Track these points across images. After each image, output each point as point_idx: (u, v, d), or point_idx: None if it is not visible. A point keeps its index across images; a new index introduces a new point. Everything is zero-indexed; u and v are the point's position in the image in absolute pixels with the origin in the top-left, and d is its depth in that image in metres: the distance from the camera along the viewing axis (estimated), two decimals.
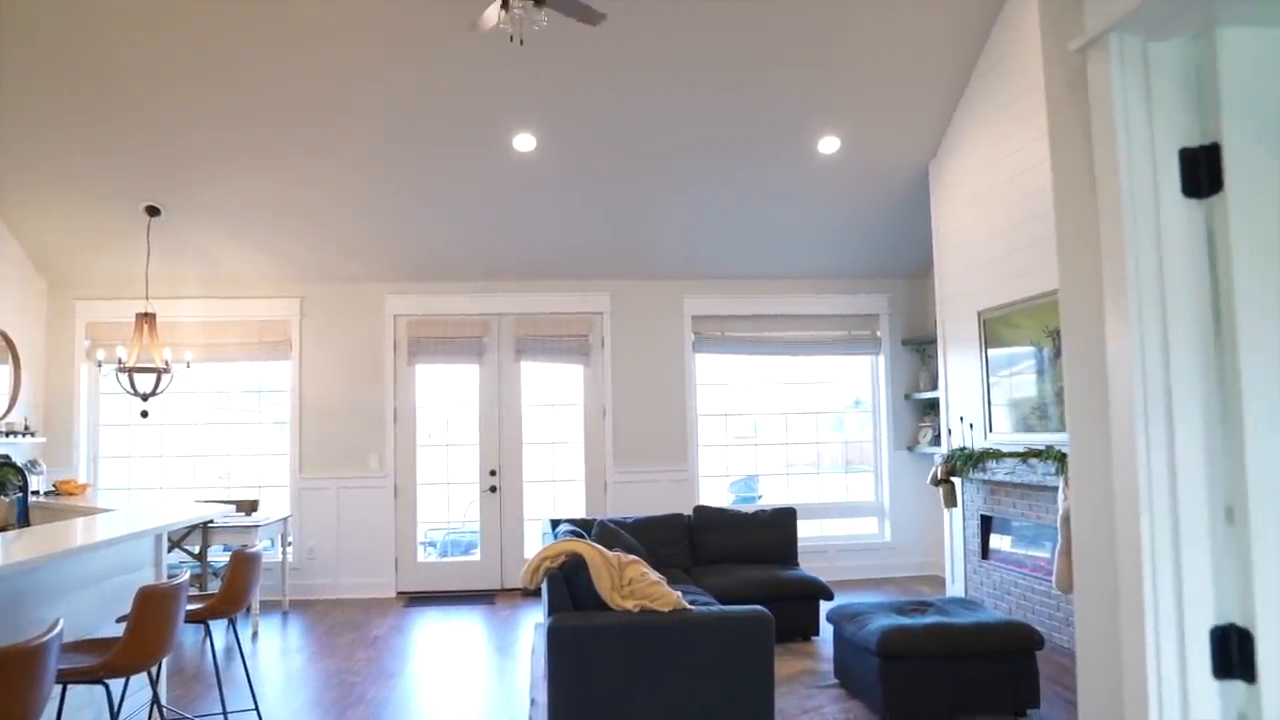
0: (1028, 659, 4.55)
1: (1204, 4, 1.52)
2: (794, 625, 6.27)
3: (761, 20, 5.84)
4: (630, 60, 6.07)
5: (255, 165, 6.77)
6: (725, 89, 6.37)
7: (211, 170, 6.78)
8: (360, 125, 6.48)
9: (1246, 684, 1.53)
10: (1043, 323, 5.90)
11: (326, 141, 6.60)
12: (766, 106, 6.55)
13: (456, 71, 6.07)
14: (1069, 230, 1.91)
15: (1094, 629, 1.83)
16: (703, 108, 6.51)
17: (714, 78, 6.26)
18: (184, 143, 6.48)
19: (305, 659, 5.98)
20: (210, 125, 6.35)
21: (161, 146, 6.50)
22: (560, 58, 5.99)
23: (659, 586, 4.10)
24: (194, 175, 6.82)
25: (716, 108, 6.52)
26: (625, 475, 8.45)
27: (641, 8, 5.61)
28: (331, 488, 8.18)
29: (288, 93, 6.13)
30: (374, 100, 6.26)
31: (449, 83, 6.16)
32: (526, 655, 6.00)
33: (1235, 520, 1.58)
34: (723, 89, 6.36)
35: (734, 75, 6.25)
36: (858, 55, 6.19)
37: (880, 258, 8.54)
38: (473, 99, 6.32)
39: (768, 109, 6.58)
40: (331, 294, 8.32)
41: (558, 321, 8.51)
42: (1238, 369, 1.57)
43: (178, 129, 6.35)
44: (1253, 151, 1.58)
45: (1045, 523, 5.97)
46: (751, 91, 6.41)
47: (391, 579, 8.19)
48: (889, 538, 8.77)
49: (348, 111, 6.34)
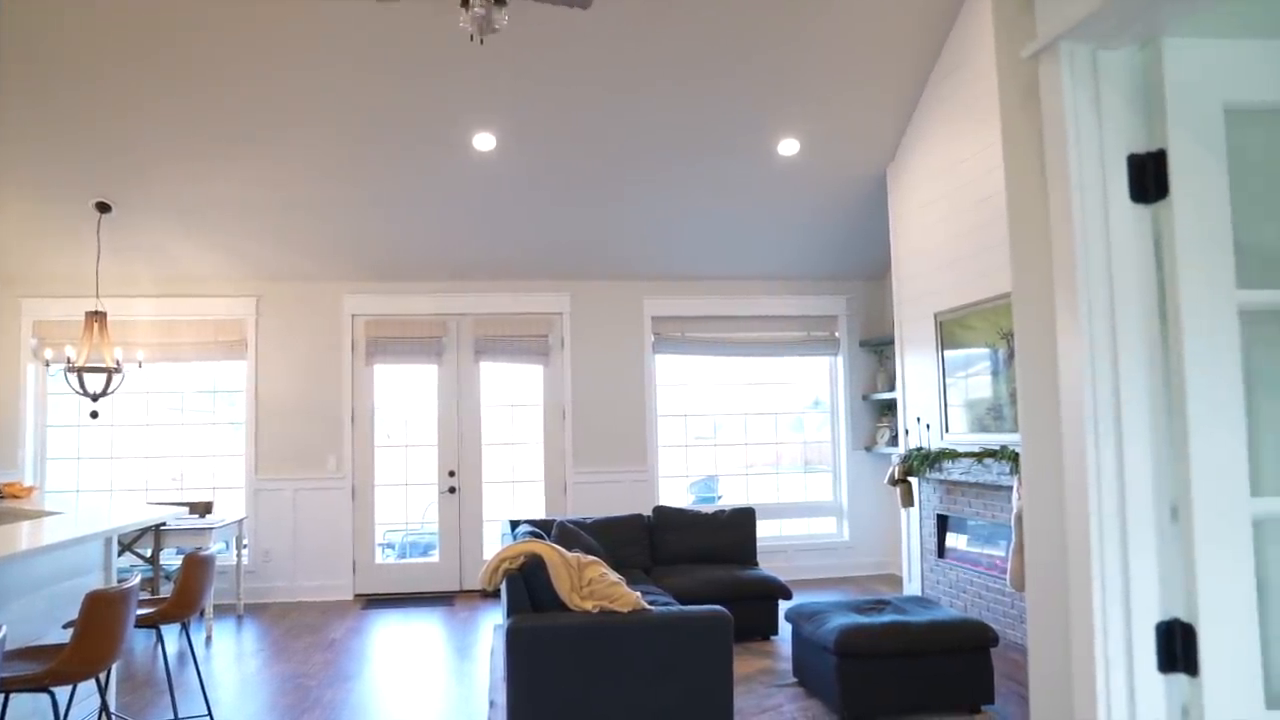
0: (983, 656, 4.62)
1: (1150, 15, 1.56)
2: (753, 625, 6.31)
3: (722, 23, 5.86)
4: (591, 61, 6.07)
5: (210, 162, 6.67)
6: (686, 90, 6.39)
7: (165, 166, 6.67)
8: (318, 123, 6.41)
9: (1190, 677, 1.57)
10: (997, 325, 5.99)
11: (283, 139, 6.52)
12: (727, 108, 6.58)
13: (416, 70, 6.03)
14: (1021, 234, 1.94)
15: (1045, 625, 1.87)
16: (663, 109, 6.53)
17: (674, 79, 6.28)
18: (136, 137, 6.37)
19: (261, 663, 5.91)
20: (164, 120, 6.24)
21: (113, 141, 6.38)
22: (521, 57, 5.97)
23: (618, 587, 4.10)
24: (147, 171, 6.70)
25: (677, 109, 6.54)
26: (585, 476, 8.45)
27: (602, 8, 5.60)
28: (288, 489, 8.08)
29: (243, 89, 6.05)
30: (331, 98, 6.20)
31: (408, 81, 6.11)
32: (485, 657, 5.97)
33: (1180, 518, 1.62)
34: (683, 90, 6.38)
35: (694, 77, 6.27)
36: (817, 59, 6.24)
37: (839, 260, 8.62)
38: (432, 98, 6.28)
39: (728, 111, 6.61)
40: (288, 293, 8.22)
41: (517, 322, 8.48)
42: (1182, 371, 1.61)
43: (130, 123, 6.24)
44: (1197, 158, 1.62)
45: (1000, 522, 6.07)
46: (712, 93, 6.43)
47: (349, 581, 8.11)
48: (847, 537, 8.85)
49: (305, 109, 6.27)
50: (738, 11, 5.80)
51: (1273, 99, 1.65)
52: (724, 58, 6.14)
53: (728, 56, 6.14)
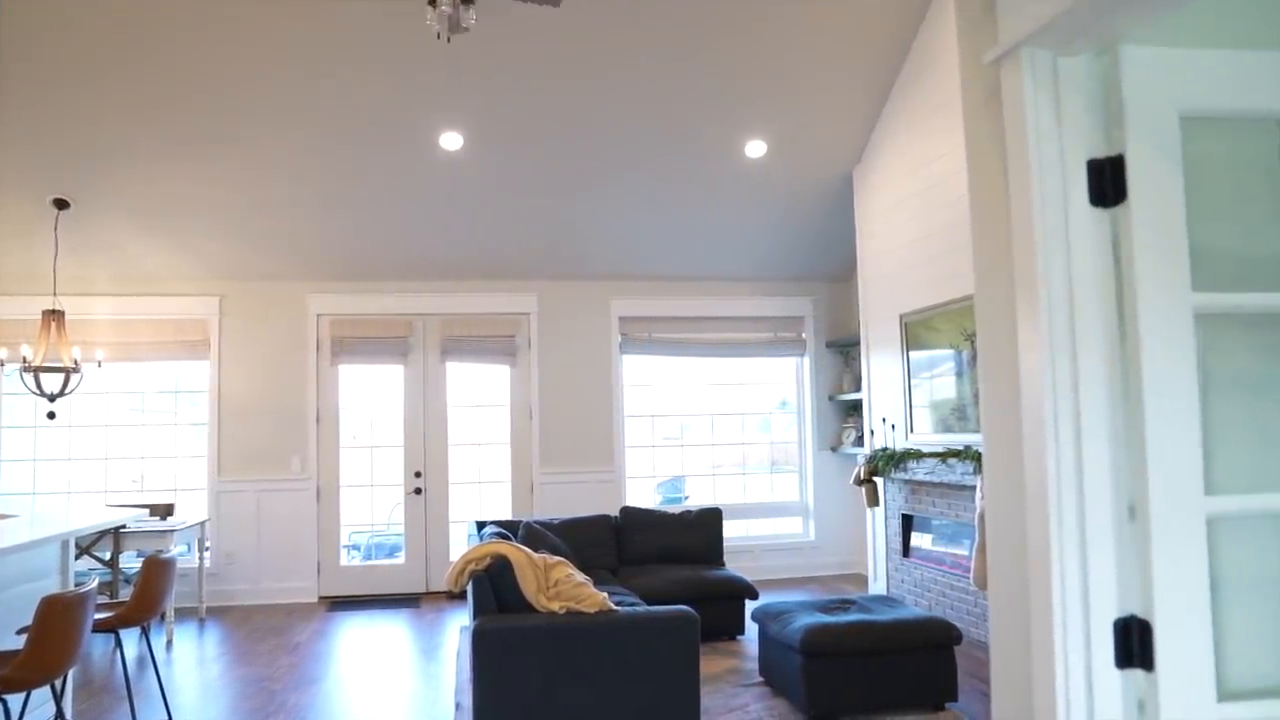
0: (946, 654, 4.67)
1: (1108, 23, 1.59)
2: (720, 624, 6.33)
3: (689, 24, 5.88)
4: (559, 61, 6.06)
5: (172, 159, 6.57)
6: (653, 92, 6.40)
7: (125, 163, 6.57)
8: (282, 121, 6.34)
9: (1146, 672, 1.60)
10: (961, 326, 6.06)
11: (247, 136, 6.44)
12: (694, 110, 6.60)
13: (382, 68, 5.98)
14: (984, 237, 1.96)
15: (1007, 623, 1.89)
16: (630, 110, 6.54)
17: (642, 80, 6.29)
18: (95, 133, 6.27)
19: (223, 667, 5.84)
20: (124, 116, 6.15)
21: (71, 136, 6.27)
22: (488, 56, 5.95)
23: (585, 588, 4.10)
24: (106, 167, 6.59)
25: (644, 110, 6.55)
26: (552, 476, 8.43)
27: (570, 8, 5.60)
28: (251, 490, 7.99)
29: (207, 86, 5.97)
30: (296, 95, 6.14)
31: (374, 79, 6.07)
32: (452, 659, 5.94)
33: (1137, 517, 1.65)
34: (651, 92, 6.39)
35: (662, 78, 6.29)
36: (784, 61, 6.27)
37: (805, 261, 8.67)
38: (399, 96, 6.24)
39: (695, 112, 6.63)
40: (252, 292, 8.13)
41: (484, 322, 8.45)
42: (1140, 372, 1.64)
43: (89, 118, 6.14)
44: (1153, 164, 1.65)
45: (964, 521, 6.13)
46: (679, 94, 6.45)
47: (314, 583, 8.04)
48: (813, 537, 8.91)
49: (269, 106, 6.21)
50: (705, 13, 5.82)
51: (1226, 107, 1.68)
52: (691, 59, 6.16)
53: (695, 58, 6.15)
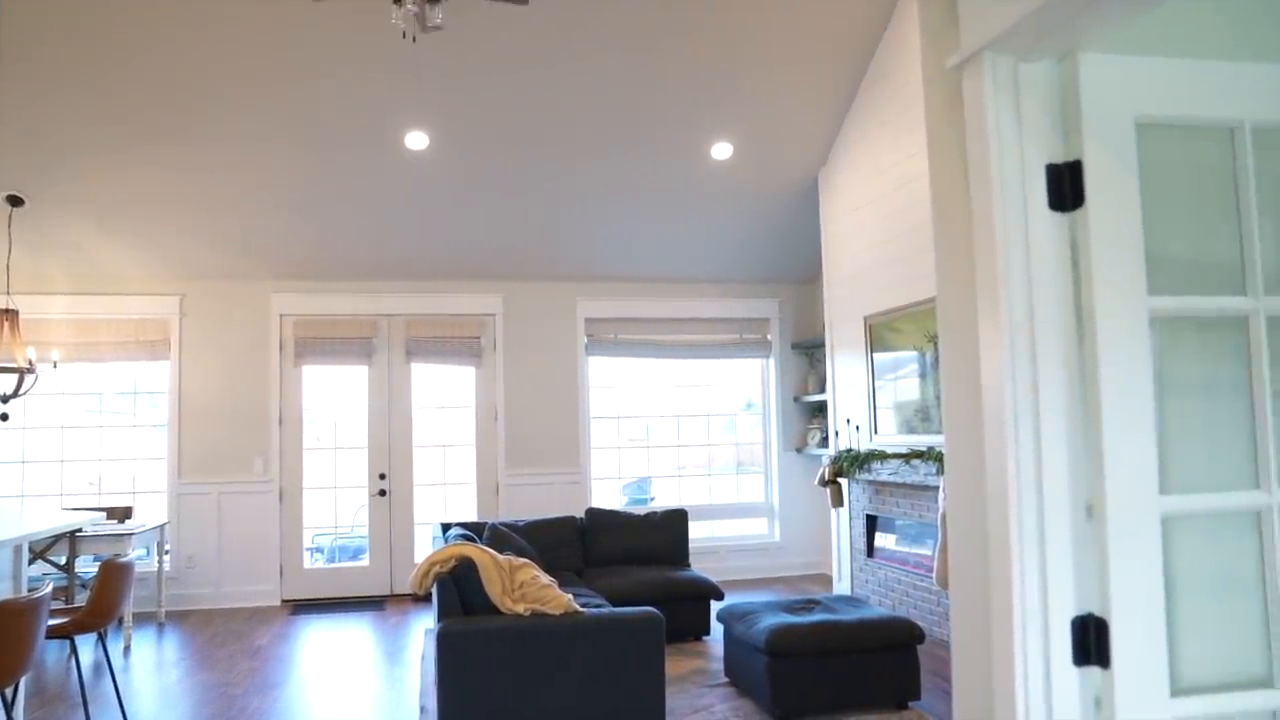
0: (910, 653, 4.71)
1: (1067, 30, 1.61)
2: (685, 625, 6.34)
3: (656, 27, 5.89)
4: (525, 61, 6.05)
5: (131, 155, 6.47)
6: (621, 93, 6.40)
7: (82, 159, 6.45)
8: (245, 117, 6.27)
9: (1102, 669, 1.63)
10: (925, 328, 6.12)
11: (209, 133, 6.36)
12: (661, 111, 6.61)
13: (348, 66, 5.93)
14: (946, 240, 1.99)
15: (968, 622, 1.91)
16: (598, 112, 6.53)
17: (610, 82, 6.29)
18: (50, 129, 6.15)
19: (182, 672, 5.75)
20: (81, 111, 6.04)
21: (24, 132, 6.15)
22: (455, 56, 5.92)
23: (550, 589, 4.09)
24: (63, 164, 6.47)
25: (612, 112, 6.55)
26: (517, 478, 8.41)
27: (538, 9, 5.59)
28: (213, 493, 7.89)
29: (167, 80, 5.89)
30: (259, 92, 6.07)
31: (340, 77, 6.02)
32: (416, 662, 5.90)
33: (1094, 517, 1.67)
34: (617, 93, 6.40)
35: (628, 80, 6.29)
36: (750, 64, 6.30)
37: (771, 263, 8.72)
38: (364, 95, 6.19)
39: (662, 114, 6.64)
40: (213, 292, 8.02)
41: (449, 323, 8.41)
42: (1097, 374, 1.67)
43: (43, 113, 6.02)
44: (1110, 169, 1.68)
45: (927, 521, 6.19)
46: (646, 96, 6.46)
47: (276, 586, 7.95)
48: (778, 538, 8.95)
49: (231, 102, 6.13)
50: (672, 15, 5.83)
51: (1180, 114, 1.71)
52: (658, 61, 6.17)
53: (661, 60, 6.16)
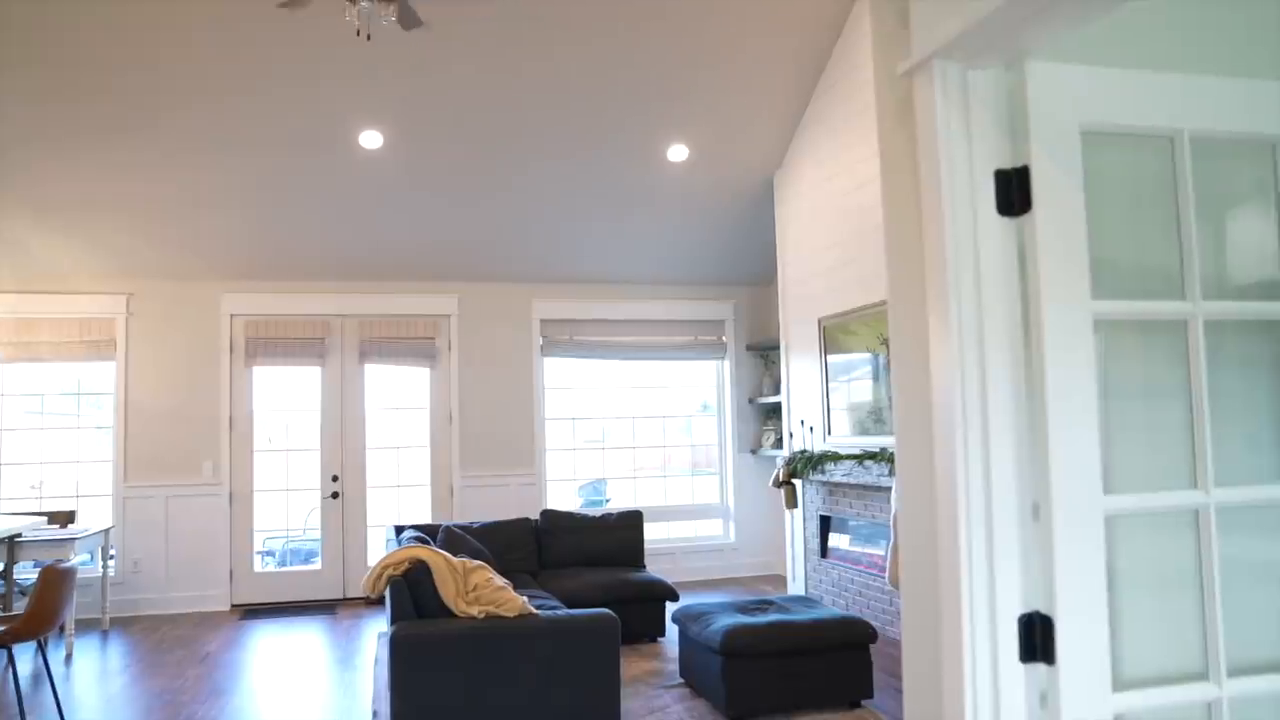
0: (863, 652, 4.76)
1: (1014, 39, 1.64)
2: (640, 627, 6.35)
3: (614, 27, 5.89)
4: (481, 61, 6.02)
5: (76, 151, 6.33)
6: (576, 94, 6.39)
7: (23, 154, 6.29)
8: (194, 113, 6.16)
9: (1047, 666, 1.66)
10: (877, 330, 6.19)
11: (157, 129, 6.24)
12: (617, 113, 6.62)
13: (300, 63, 5.86)
14: (897, 243, 2.01)
15: (918, 620, 1.94)
16: (554, 111, 6.52)
17: (566, 82, 6.28)
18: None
19: (127, 680, 5.63)
20: (24, 104, 5.90)
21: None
22: (410, 54, 5.88)
23: (505, 592, 4.08)
24: (3, 158, 6.31)
25: (568, 112, 6.54)
26: (472, 480, 8.36)
27: (494, 9, 5.56)
28: (159, 496, 7.74)
29: (113, 74, 5.77)
30: (209, 88, 5.97)
31: (293, 74, 5.94)
32: (369, 666, 5.84)
33: (1040, 517, 1.71)
34: (573, 94, 6.39)
35: (585, 81, 6.29)
36: (706, 68, 6.33)
37: (726, 265, 8.76)
38: (317, 92, 6.11)
39: (618, 116, 6.64)
40: (162, 291, 7.87)
41: (403, 324, 8.33)
42: (1043, 376, 1.70)
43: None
44: (1056, 175, 1.71)
45: (880, 522, 6.26)
46: (603, 97, 6.46)
47: (226, 591, 7.82)
48: (733, 539, 8.99)
49: (180, 98, 6.02)
50: (628, 17, 5.84)
51: (1123, 123, 1.76)
52: (613, 63, 6.17)
53: (617, 62, 6.17)
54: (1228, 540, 1.76)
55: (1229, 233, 1.90)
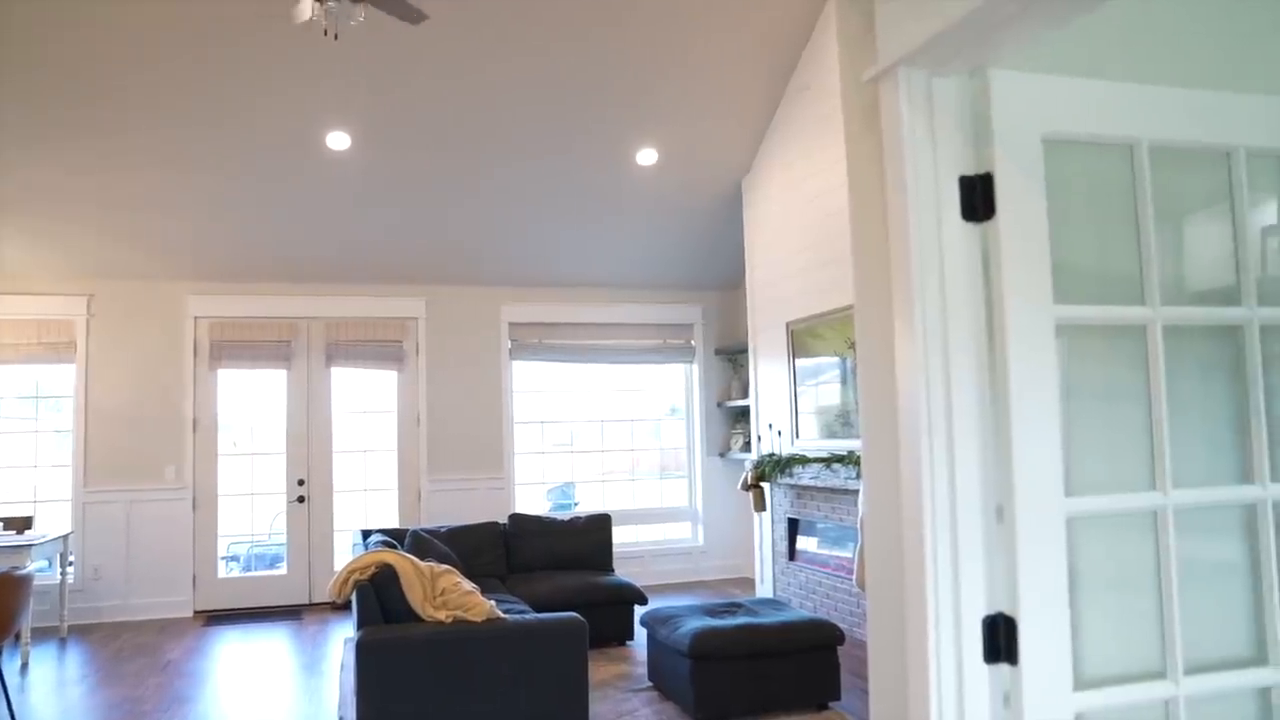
0: (830, 654, 4.79)
1: (978, 47, 1.67)
2: (609, 630, 6.34)
3: (583, 30, 5.89)
4: (450, 62, 5.99)
5: (35, 148, 6.22)
6: (545, 96, 6.38)
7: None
8: (159, 112, 6.07)
9: (1011, 666, 1.68)
10: (845, 334, 6.24)
11: (120, 127, 6.15)
12: (586, 116, 6.62)
13: (268, 62, 5.80)
14: (863, 248, 2.03)
15: (884, 622, 1.95)
16: (523, 114, 6.51)
17: (535, 84, 6.27)
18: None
19: (86, 689, 5.54)
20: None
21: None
22: (378, 55, 5.84)
23: (472, 596, 4.06)
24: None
25: (536, 115, 6.53)
26: (440, 484, 8.31)
27: (463, 10, 5.54)
28: (121, 501, 7.62)
29: (75, 69, 5.67)
30: (175, 86, 5.89)
31: (259, 73, 5.88)
32: (335, 672, 5.79)
33: (1004, 519, 1.73)
34: (543, 96, 6.38)
35: (554, 83, 6.28)
36: (676, 71, 6.35)
37: (695, 269, 8.79)
38: (284, 92, 6.05)
39: (587, 119, 6.64)
40: (125, 292, 7.76)
41: (371, 326, 8.27)
42: (1007, 380, 1.72)
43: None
44: (1019, 182, 1.74)
45: (847, 524, 6.30)
46: (572, 100, 6.45)
47: (189, 597, 7.71)
48: (702, 542, 9.01)
49: (145, 96, 5.94)
50: (596, 21, 5.84)
51: (1083, 131, 1.78)
52: (585, 66, 6.17)
53: (588, 65, 6.17)
54: (1185, 541, 1.80)
55: (1187, 240, 1.94)
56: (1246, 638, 1.84)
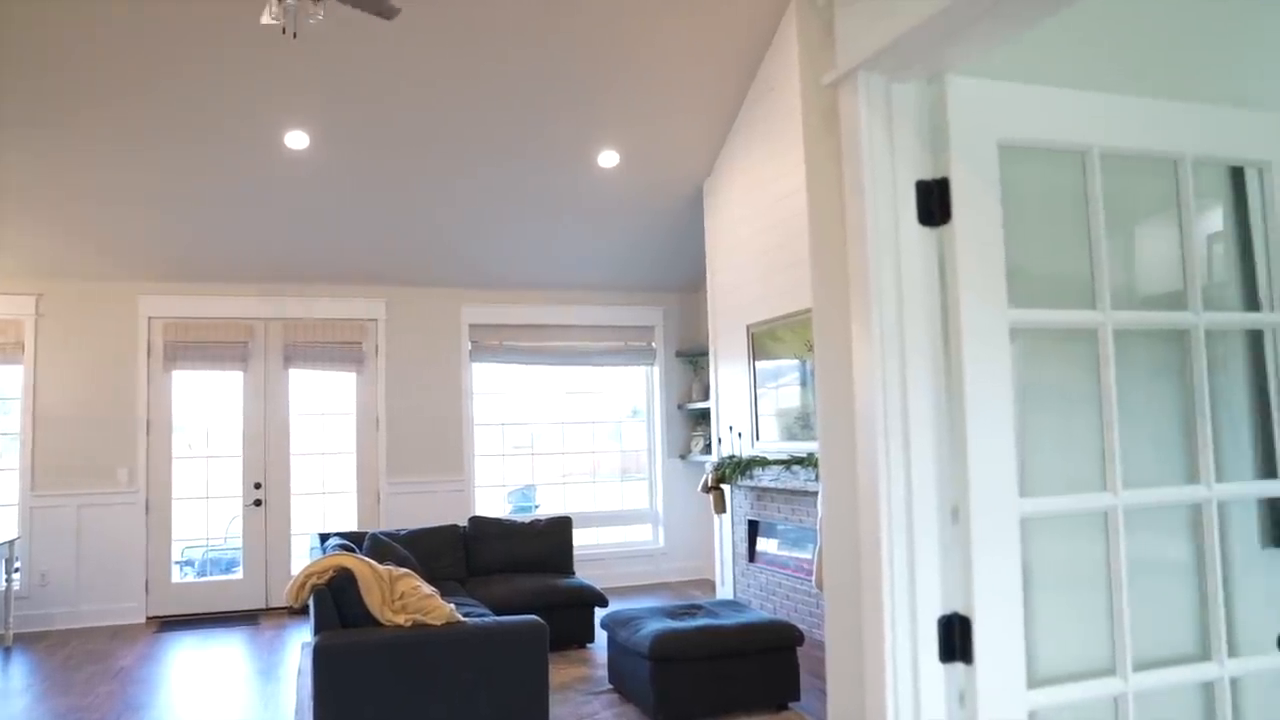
0: (789, 655, 4.82)
1: (935, 54, 1.69)
2: (569, 633, 6.33)
3: (545, 32, 5.88)
4: (411, 62, 5.95)
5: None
6: (507, 97, 6.36)
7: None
8: (112, 104, 5.96)
9: (966, 665, 1.70)
10: (805, 337, 6.28)
11: (69, 120, 6.02)
12: (548, 117, 6.60)
13: (226, 60, 5.72)
14: (821, 251, 2.05)
15: (841, 623, 1.97)
16: (484, 115, 6.48)
17: (497, 84, 6.24)
18: None
19: (32, 699, 5.41)
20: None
21: None
22: (338, 55, 5.78)
23: (432, 600, 4.03)
24: None
25: (498, 115, 6.50)
26: (399, 486, 8.24)
27: (424, 10, 5.51)
28: (70, 505, 7.46)
29: (22, 62, 5.54)
30: (128, 79, 5.78)
31: (216, 70, 5.79)
32: (292, 677, 5.71)
33: (959, 519, 1.75)
34: (505, 97, 6.36)
35: (515, 84, 6.26)
36: (638, 73, 6.35)
37: (657, 271, 8.80)
38: (242, 90, 5.97)
39: (549, 120, 6.63)
40: (75, 292, 7.60)
41: (330, 327, 8.18)
42: (962, 382, 1.74)
43: None
44: (975, 187, 1.76)
45: (807, 526, 6.34)
46: (534, 101, 6.43)
47: (141, 603, 7.57)
48: (662, 544, 9.02)
49: (96, 89, 5.82)
50: (558, 22, 5.83)
51: (1037, 138, 1.81)
52: (547, 67, 6.16)
53: (551, 66, 6.15)
54: (1135, 540, 1.83)
55: (1137, 245, 1.98)
56: (1192, 634, 1.88)
